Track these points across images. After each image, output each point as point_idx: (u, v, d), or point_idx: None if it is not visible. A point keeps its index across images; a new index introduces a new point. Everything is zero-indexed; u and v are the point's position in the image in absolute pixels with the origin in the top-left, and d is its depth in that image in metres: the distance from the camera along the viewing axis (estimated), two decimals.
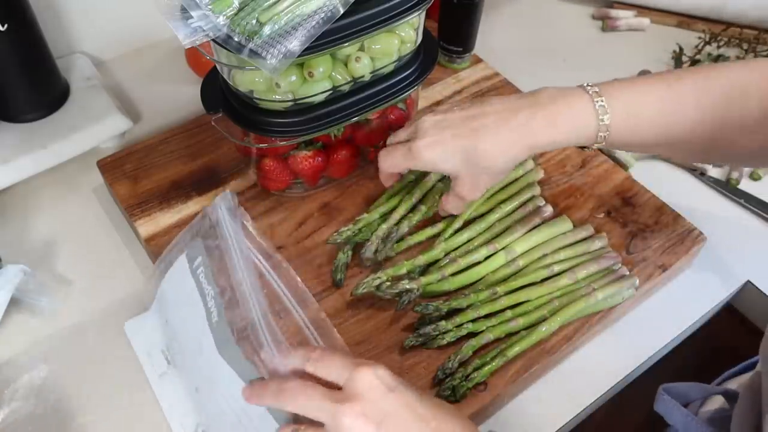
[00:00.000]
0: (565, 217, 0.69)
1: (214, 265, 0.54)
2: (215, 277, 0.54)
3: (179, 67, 0.88)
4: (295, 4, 0.54)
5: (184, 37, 0.54)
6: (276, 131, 0.63)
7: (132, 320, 0.64)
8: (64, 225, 0.73)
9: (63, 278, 0.69)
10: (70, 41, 0.87)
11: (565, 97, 0.58)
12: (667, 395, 0.56)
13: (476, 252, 0.66)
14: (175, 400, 0.59)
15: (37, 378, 0.61)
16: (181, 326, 0.58)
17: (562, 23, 1.02)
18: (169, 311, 0.60)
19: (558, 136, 0.58)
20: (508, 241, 0.66)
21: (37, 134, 0.75)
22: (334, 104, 0.63)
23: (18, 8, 0.70)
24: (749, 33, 0.97)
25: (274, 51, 0.53)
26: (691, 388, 0.59)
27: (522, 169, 0.72)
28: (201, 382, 0.55)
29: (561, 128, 0.58)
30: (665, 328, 0.67)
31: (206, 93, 0.67)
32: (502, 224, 0.68)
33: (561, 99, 0.58)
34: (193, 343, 0.55)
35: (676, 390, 0.57)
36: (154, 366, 0.61)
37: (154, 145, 0.77)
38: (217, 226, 0.55)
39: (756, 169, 0.81)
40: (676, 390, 0.57)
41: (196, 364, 0.55)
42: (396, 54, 0.64)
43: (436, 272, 0.64)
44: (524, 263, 0.66)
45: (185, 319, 0.57)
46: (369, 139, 0.72)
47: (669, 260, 0.68)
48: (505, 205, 0.69)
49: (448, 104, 0.65)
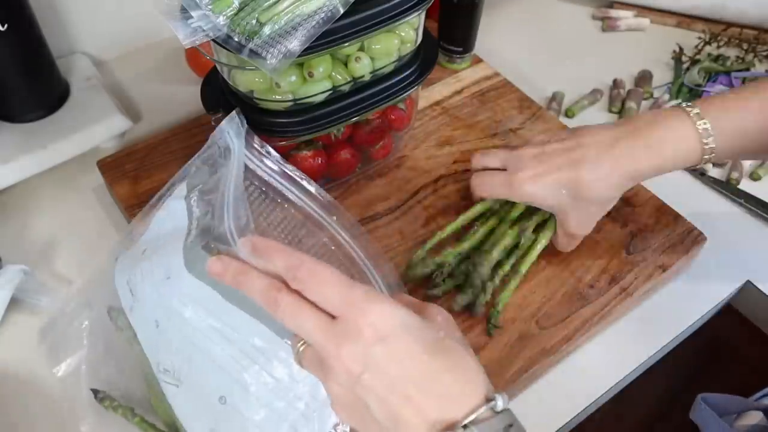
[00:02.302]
0: None
1: (211, 191, 0.52)
2: (205, 197, 0.52)
3: (179, 67, 0.88)
4: (295, 4, 0.54)
5: (184, 37, 0.54)
6: (276, 131, 0.63)
7: (120, 258, 0.59)
8: (64, 225, 0.74)
9: (63, 278, 0.69)
10: (70, 41, 0.87)
11: (665, 120, 0.57)
12: (705, 405, 0.55)
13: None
14: (142, 335, 0.55)
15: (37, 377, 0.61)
16: (155, 255, 0.54)
17: (562, 23, 1.02)
18: (150, 242, 0.56)
19: (662, 162, 0.58)
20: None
21: (37, 134, 0.75)
22: (334, 104, 0.63)
23: (18, 8, 0.70)
24: (749, 33, 0.97)
25: (274, 51, 0.53)
26: (729, 400, 0.58)
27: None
28: (161, 315, 0.51)
29: (664, 154, 0.57)
30: (665, 328, 0.67)
31: (206, 93, 0.67)
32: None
33: (661, 123, 0.57)
34: (159, 271, 0.52)
35: (714, 401, 0.57)
36: (125, 300, 0.56)
37: (154, 145, 0.77)
38: (227, 150, 0.52)
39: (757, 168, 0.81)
40: (713, 401, 0.57)
41: (159, 294, 0.51)
42: (396, 54, 0.64)
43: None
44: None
45: (161, 247, 0.53)
46: (369, 139, 0.72)
47: (669, 260, 0.68)
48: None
49: (544, 135, 0.64)
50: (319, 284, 0.41)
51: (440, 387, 0.39)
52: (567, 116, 0.88)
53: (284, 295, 0.41)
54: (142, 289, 0.53)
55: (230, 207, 0.48)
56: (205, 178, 0.54)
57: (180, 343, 0.50)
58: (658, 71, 0.93)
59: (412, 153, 0.78)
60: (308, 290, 0.41)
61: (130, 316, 0.55)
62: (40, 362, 0.62)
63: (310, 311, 0.40)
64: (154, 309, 0.52)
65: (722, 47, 0.96)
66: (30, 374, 0.62)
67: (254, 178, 0.55)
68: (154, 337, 0.52)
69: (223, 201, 0.49)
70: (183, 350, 0.50)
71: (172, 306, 0.50)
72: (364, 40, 0.61)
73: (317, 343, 0.40)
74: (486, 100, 0.84)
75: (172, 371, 0.51)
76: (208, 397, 0.49)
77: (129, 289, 0.55)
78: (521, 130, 0.81)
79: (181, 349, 0.50)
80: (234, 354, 0.48)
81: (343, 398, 0.41)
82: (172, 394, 0.51)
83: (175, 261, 0.50)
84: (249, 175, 0.54)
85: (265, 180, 0.55)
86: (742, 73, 0.91)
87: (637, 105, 0.88)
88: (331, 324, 0.40)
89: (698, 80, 0.91)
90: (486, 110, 0.83)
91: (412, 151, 0.78)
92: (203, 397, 0.49)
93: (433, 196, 0.74)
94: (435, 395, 0.39)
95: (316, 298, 0.41)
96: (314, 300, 0.41)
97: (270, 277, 0.42)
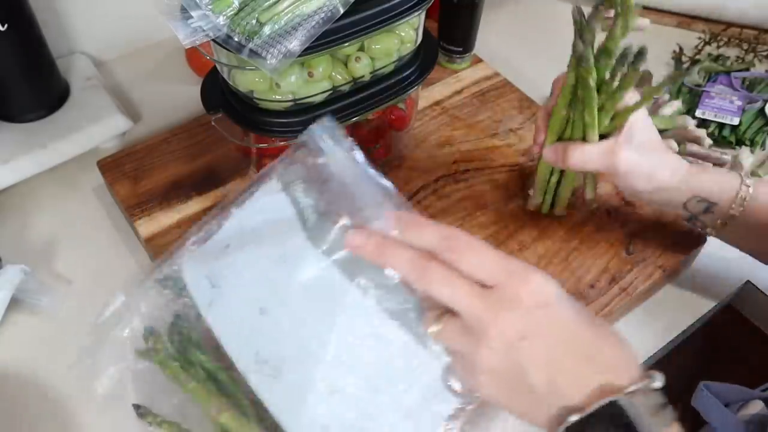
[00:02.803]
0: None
1: (316, 182, 0.51)
2: (313, 192, 0.51)
3: (179, 67, 0.88)
4: (295, 4, 0.54)
5: (184, 37, 0.54)
6: (276, 131, 0.63)
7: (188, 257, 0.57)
8: (64, 225, 0.74)
9: (63, 278, 0.69)
10: (70, 41, 0.87)
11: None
12: (707, 392, 0.56)
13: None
14: (227, 329, 0.53)
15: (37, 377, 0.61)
16: (251, 246, 0.53)
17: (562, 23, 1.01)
18: (233, 237, 0.55)
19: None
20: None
21: (37, 134, 0.75)
22: (334, 104, 0.63)
23: (18, 8, 0.70)
24: (749, 33, 0.97)
25: (274, 51, 0.53)
26: (731, 390, 0.59)
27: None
28: (269, 300, 0.50)
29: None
30: (665, 328, 0.67)
31: (206, 93, 0.67)
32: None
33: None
34: (268, 258, 0.51)
35: (716, 389, 0.57)
36: (202, 296, 0.54)
37: (154, 145, 0.77)
38: (322, 151, 0.51)
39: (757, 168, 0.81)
40: (715, 389, 0.57)
41: (270, 279, 0.50)
42: (396, 54, 0.64)
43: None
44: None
45: (260, 237, 0.53)
46: (369, 139, 0.72)
47: (669, 260, 0.68)
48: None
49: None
50: (477, 255, 0.41)
51: (601, 356, 0.40)
52: None
53: (435, 264, 0.41)
54: (235, 279, 0.52)
55: (358, 188, 0.48)
56: (301, 174, 0.52)
57: (290, 327, 0.49)
58: (658, 71, 0.93)
59: (412, 153, 0.78)
60: (464, 261, 0.41)
61: (207, 311, 0.53)
62: (40, 362, 0.62)
63: (463, 279, 0.41)
64: (258, 296, 0.51)
65: (722, 47, 0.96)
66: (30, 374, 0.62)
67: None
68: (253, 325, 0.50)
69: (344, 188, 0.48)
70: (292, 335, 0.48)
71: (288, 288, 0.49)
72: (364, 40, 0.61)
73: (472, 309, 0.40)
74: (486, 100, 0.84)
75: (271, 361, 0.49)
76: (317, 388, 0.47)
77: (210, 282, 0.53)
78: (521, 130, 0.81)
79: (291, 333, 0.48)
80: (351, 339, 0.47)
81: (496, 365, 0.40)
82: (267, 387, 0.49)
83: (292, 243, 0.49)
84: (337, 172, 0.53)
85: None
86: (742, 73, 0.91)
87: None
88: (487, 292, 0.40)
89: (698, 80, 0.91)
90: (486, 110, 0.83)
91: (412, 151, 0.78)
92: (310, 388, 0.48)
93: (433, 196, 0.74)
94: (596, 363, 0.40)
95: (472, 269, 0.41)
96: (468, 270, 0.41)
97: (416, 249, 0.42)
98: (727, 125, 0.85)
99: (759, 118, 0.86)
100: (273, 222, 0.52)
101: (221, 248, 0.54)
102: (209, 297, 0.53)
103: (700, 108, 0.86)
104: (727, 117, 0.85)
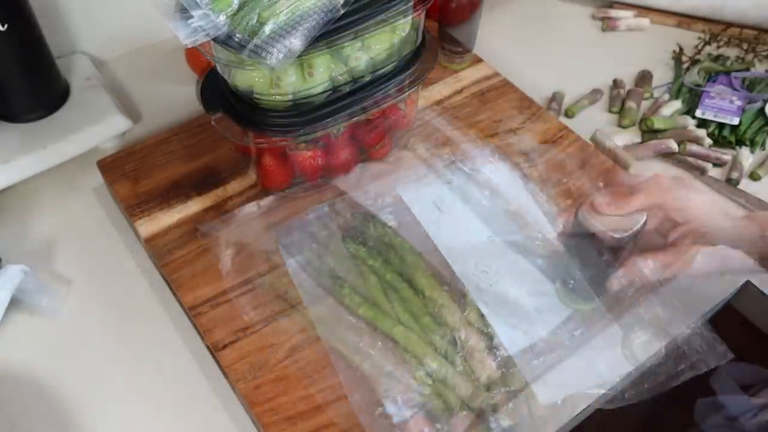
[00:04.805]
0: None
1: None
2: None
3: (179, 67, 0.88)
4: (295, 3, 0.54)
5: (184, 37, 0.54)
6: (276, 130, 0.63)
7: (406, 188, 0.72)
8: (64, 225, 0.73)
9: (63, 278, 0.69)
10: (70, 41, 0.87)
11: None
12: (726, 373, 0.56)
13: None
14: (454, 244, 0.66)
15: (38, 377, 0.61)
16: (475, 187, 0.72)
17: (562, 23, 1.02)
18: (463, 179, 0.73)
19: None
20: None
21: (37, 134, 0.75)
22: (334, 104, 0.63)
23: (18, 8, 0.70)
24: (749, 33, 0.97)
25: (275, 49, 0.53)
26: (753, 370, 0.61)
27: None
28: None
29: None
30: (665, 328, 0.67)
31: (205, 93, 0.66)
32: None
33: None
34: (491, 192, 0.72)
35: (739, 372, 0.59)
36: (429, 218, 0.68)
37: (154, 145, 0.77)
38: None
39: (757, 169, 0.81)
40: (739, 372, 0.59)
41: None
42: (396, 54, 0.64)
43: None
44: None
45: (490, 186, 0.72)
46: (369, 139, 0.72)
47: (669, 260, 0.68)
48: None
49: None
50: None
51: None
52: (567, 116, 0.88)
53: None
54: (465, 206, 0.70)
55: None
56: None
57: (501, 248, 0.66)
58: (658, 71, 0.93)
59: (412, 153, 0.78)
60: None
61: (436, 228, 0.67)
62: (40, 362, 0.62)
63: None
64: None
65: (722, 47, 0.96)
66: (30, 374, 0.62)
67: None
68: (475, 246, 0.66)
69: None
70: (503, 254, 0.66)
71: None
72: (364, 34, 0.60)
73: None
74: (486, 100, 0.84)
75: (490, 272, 0.64)
76: (508, 297, 0.63)
77: (436, 207, 0.70)
78: (521, 130, 0.81)
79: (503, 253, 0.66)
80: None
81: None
82: (480, 295, 0.62)
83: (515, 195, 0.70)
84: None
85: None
86: (742, 73, 0.91)
87: (637, 105, 0.88)
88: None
89: (698, 80, 0.91)
90: (486, 110, 0.83)
91: (413, 151, 0.78)
92: (507, 297, 0.63)
93: None
94: None
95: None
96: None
97: None
98: (727, 125, 0.85)
99: (759, 118, 0.86)
100: (501, 181, 0.72)
101: (445, 182, 0.73)
102: (436, 216, 0.69)
103: (700, 108, 0.86)
104: (727, 117, 0.85)
